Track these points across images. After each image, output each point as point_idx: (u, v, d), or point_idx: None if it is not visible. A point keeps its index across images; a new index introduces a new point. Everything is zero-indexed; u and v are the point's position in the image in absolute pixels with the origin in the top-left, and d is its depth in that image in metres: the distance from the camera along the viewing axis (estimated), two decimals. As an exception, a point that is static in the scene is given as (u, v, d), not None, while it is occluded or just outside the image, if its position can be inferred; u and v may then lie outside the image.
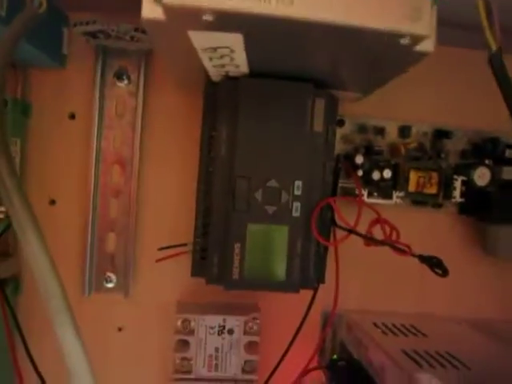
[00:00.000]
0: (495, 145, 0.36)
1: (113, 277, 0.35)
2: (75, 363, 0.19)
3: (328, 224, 0.31)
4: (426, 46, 0.22)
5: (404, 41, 0.22)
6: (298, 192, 0.29)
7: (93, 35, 0.32)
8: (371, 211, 0.30)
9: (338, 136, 0.35)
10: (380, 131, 0.36)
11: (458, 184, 0.35)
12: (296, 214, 0.29)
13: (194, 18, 0.21)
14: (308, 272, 0.30)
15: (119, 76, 0.35)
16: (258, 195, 0.29)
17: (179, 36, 0.23)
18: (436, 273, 0.28)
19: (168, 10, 0.20)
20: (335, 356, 0.35)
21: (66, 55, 0.34)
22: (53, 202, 0.35)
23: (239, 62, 0.27)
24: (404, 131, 0.36)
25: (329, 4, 0.20)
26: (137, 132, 0.35)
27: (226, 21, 0.21)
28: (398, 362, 0.27)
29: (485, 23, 0.22)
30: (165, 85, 0.35)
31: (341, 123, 0.36)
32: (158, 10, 0.21)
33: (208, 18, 0.20)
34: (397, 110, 0.37)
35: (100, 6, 0.34)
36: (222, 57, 0.26)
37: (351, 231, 0.29)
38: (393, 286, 0.38)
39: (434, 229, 0.38)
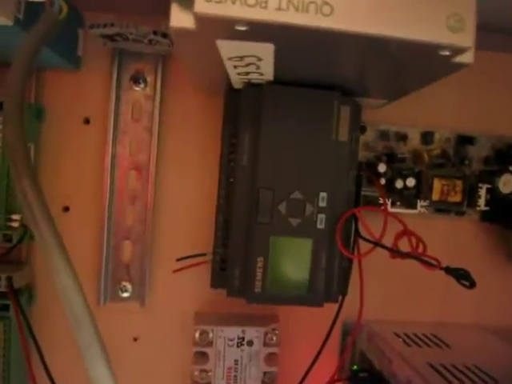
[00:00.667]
0: (520, 151, 0.35)
1: (128, 286, 0.35)
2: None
3: (352, 235, 0.30)
4: (466, 57, 0.21)
5: (443, 52, 0.21)
6: (322, 204, 0.28)
7: (110, 38, 0.31)
8: (393, 220, 0.30)
9: (359, 144, 0.34)
10: (402, 138, 0.35)
11: (482, 192, 0.34)
12: (321, 226, 0.28)
13: (225, 28, 0.20)
14: (331, 285, 0.30)
15: (136, 79, 0.34)
16: (282, 208, 0.28)
17: (206, 45, 0.22)
18: (463, 285, 0.27)
19: (199, 19, 0.19)
20: (355, 367, 0.35)
21: (80, 57, 0.33)
22: (66, 209, 0.35)
23: (265, 71, 0.26)
24: (427, 137, 0.35)
25: (369, 15, 0.19)
26: (154, 137, 0.34)
27: (259, 31, 0.20)
28: (426, 377, 0.26)
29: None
30: (182, 89, 0.34)
31: (362, 130, 0.35)
32: (188, 18, 0.20)
33: (241, 28, 0.19)
34: (419, 115, 0.36)
35: (117, 7, 0.33)
36: (247, 65, 0.25)
37: (377, 244, 0.29)
38: (414, 296, 0.37)
39: (457, 237, 0.37)
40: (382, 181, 0.33)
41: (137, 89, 0.34)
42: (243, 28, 0.19)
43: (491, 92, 0.37)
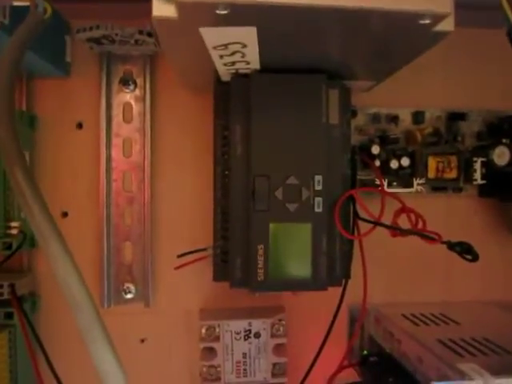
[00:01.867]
0: (511, 123, 0.35)
1: (132, 287, 0.35)
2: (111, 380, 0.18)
3: (351, 217, 0.30)
4: (446, 25, 0.22)
5: (423, 20, 0.21)
6: (318, 187, 0.28)
7: (97, 41, 0.31)
8: (391, 201, 0.30)
9: (351, 127, 0.34)
10: (393, 119, 0.35)
11: (477, 166, 0.34)
12: (318, 209, 0.28)
13: (207, 13, 0.20)
14: (334, 268, 0.30)
15: (125, 82, 0.34)
16: (279, 193, 0.28)
17: (190, 34, 0.22)
18: (466, 259, 0.27)
19: (181, 6, 0.19)
20: (365, 351, 0.34)
21: (69, 63, 0.34)
22: (65, 215, 0.35)
23: (251, 58, 0.26)
24: (418, 117, 0.35)
25: (347, -12, 0.19)
26: (146, 137, 0.34)
27: (239, 13, 0.20)
28: (437, 353, 0.26)
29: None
30: (172, 87, 0.35)
31: (353, 114, 0.35)
32: (170, 7, 0.20)
33: (222, 11, 0.20)
34: (408, 96, 0.36)
35: (101, 13, 0.33)
36: (233, 53, 0.25)
37: (377, 223, 0.29)
38: (418, 276, 0.37)
39: (456, 213, 0.37)
40: (377, 162, 0.33)
41: (127, 91, 0.34)
42: (224, 11, 0.20)
43: (477, 68, 0.37)
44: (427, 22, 0.21)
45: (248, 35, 0.23)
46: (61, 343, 0.34)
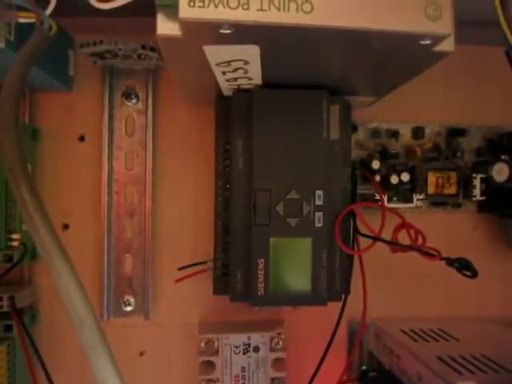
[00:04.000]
0: (511, 139, 0.35)
1: (131, 300, 0.35)
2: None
3: (351, 232, 0.30)
4: (446, 45, 0.22)
5: (424, 41, 0.21)
6: (319, 202, 0.29)
7: (100, 55, 0.31)
8: (391, 216, 0.30)
9: (352, 142, 0.34)
10: (394, 134, 0.36)
11: (477, 182, 0.34)
12: (319, 224, 0.29)
13: (210, 32, 0.20)
14: (334, 283, 0.30)
15: (127, 95, 0.34)
16: (280, 208, 0.28)
17: (194, 52, 0.23)
18: (465, 275, 0.27)
19: (185, 25, 0.20)
20: (365, 367, 0.34)
21: (72, 77, 0.34)
22: (66, 227, 0.35)
23: (253, 75, 0.27)
24: (418, 132, 0.36)
25: (348, 10, 0.20)
26: (148, 150, 0.34)
27: (243, 33, 0.20)
28: (436, 371, 0.26)
29: (501, 17, 0.22)
30: (174, 101, 0.35)
31: (354, 129, 0.35)
32: (174, 26, 0.20)
33: (225, 31, 0.20)
34: (408, 112, 0.37)
35: (104, 27, 0.34)
36: (235, 70, 0.26)
37: (377, 238, 0.29)
38: (417, 292, 0.37)
39: (455, 229, 0.37)
40: (377, 177, 0.33)
41: (129, 104, 0.34)
42: (228, 31, 0.20)
43: (477, 84, 0.38)
44: (428, 42, 0.21)
45: (251, 53, 0.23)
46: (60, 356, 0.34)
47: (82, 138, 0.35)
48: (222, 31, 0.20)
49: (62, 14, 0.24)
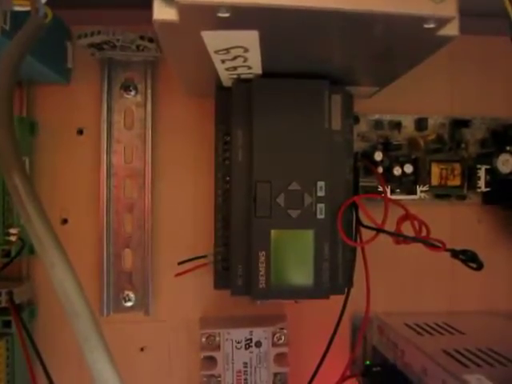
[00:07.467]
0: (515, 131, 0.35)
1: (131, 295, 0.34)
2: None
3: (353, 224, 0.30)
4: (450, 29, 0.21)
5: (428, 25, 0.21)
6: (321, 193, 0.28)
7: (98, 47, 0.31)
8: (394, 209, 0.29)
9: (354, 134, 0.34)
10: (396, 126, 0.35)
11: (481, 173, 0.34)
12: (321, 216, 0.28)
13: (208, 16, 0.20)
14: (336, 276, 0.29)
15: (126, 88, 0.34)
16: (280, 200, 0.28)
17: (192, 38, 0.22)
18: (470, 267, 0.27)
19: (182, 8, 0.19)
20: (368, 361, 0.34)
21: (70, 69, 0.33)
22: (65, 221, 0.34)
23: (252, 63, 0.26)
24: (421, 124, 0.35)
25: (349, -9, 0.19)
26: (147, 143, 0.34)
27: (241, 16, 0.20)
28: (442, 364, 0.26)
29: (509, 7, 0.21)
30: (173, 93, 0.35)
31: (356, 120, 0.35)
32: (171, 10, 0.20)
33: (223, 14, 0.20)
34: (411, 103, 0.36)
35: (102, 19, 0.33)
36: (234, 58, 0.25)
37: (379, 230, 0.28)
38: (421, 285, 0.37)
39: (460, 221, 0.37)
40: (380, 169, 0.33)
41: (128, 97, 0.34)
42: (225, 14, 0.20)
43: (481, 75, 0.37)
44: (432, 26, 0.21)
45: (250, 39, 0.22)
46: (59, 352, 0.33)
47: (80, 132, 0.34)
48: (219, 15, 0.20)
49: (59, 6, 0.23)
